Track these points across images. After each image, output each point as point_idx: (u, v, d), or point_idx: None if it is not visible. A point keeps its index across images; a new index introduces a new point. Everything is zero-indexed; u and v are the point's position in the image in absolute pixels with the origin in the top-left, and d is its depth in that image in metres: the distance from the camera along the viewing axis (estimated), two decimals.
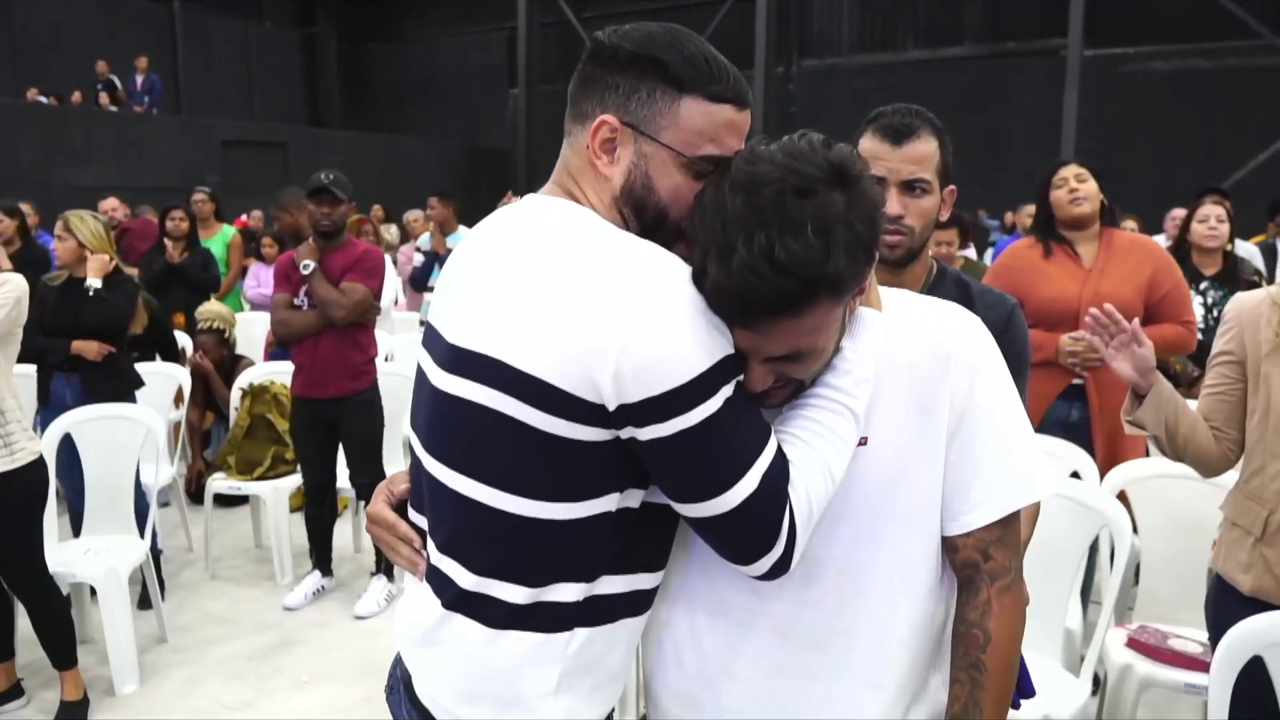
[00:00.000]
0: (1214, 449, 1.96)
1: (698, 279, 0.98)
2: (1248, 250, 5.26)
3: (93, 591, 3.36)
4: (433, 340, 1.14)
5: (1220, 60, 13.40)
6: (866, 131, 1.60)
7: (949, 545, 1.16)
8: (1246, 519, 1.92)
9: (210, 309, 5.18)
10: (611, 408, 0.97)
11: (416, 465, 1.19)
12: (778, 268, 0.92)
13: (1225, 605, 1.94)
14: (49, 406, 3.82)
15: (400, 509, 1.26)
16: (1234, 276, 3.87)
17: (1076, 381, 3.05)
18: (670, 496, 1.04)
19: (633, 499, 1.06)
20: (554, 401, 0.98)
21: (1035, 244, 3.18)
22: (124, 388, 3.91)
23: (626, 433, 0.99)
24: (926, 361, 1.12)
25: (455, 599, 1.10)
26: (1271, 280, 5.15)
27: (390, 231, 8.70)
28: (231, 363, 5.15)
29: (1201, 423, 1.97)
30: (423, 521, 1.20)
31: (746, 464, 0.99)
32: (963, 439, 1.11)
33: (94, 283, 3.73)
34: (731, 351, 0.99)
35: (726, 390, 0.98)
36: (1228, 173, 11.75)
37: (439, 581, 1.13)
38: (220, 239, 6.63)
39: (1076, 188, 3.07)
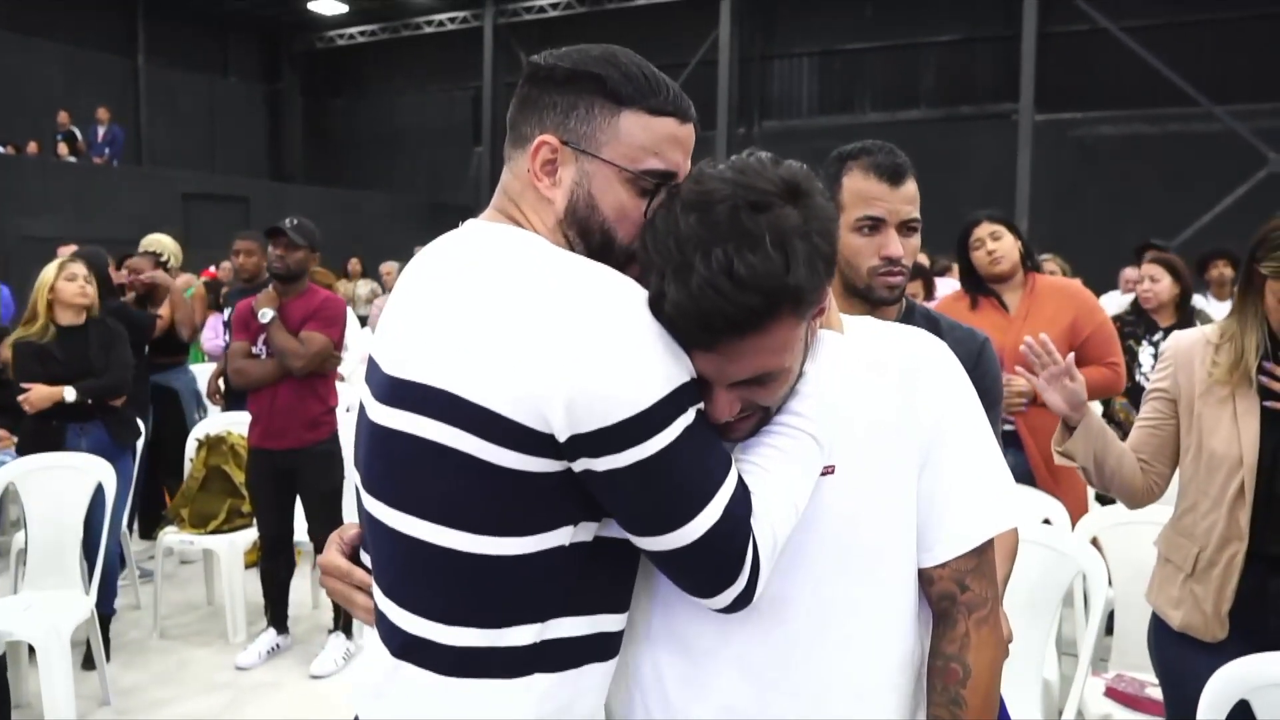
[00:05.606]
0: (1139, 480, 1.99)
1: (655, 303, 0.94)
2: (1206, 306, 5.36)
3: (31, 651, 3.20)
4: (371, 373, 1.09)
5: (1164, 126, 13.93)
6: (854, 170, 1.56)
7: (924, 578, 1.12)
8: (1178, 555, 1.94)
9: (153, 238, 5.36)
10: (562, 439, 0.92)
11: (361, 506, 1.13)
12: (739, 283, 0.89)
13: (1161, 641, 1.97)
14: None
15: (355, 558, 1.19)
16: (1189, 328, 3.94)
17: (1008, 428, 3.06)
18: (628, 530, 0.99)
19: (585, 532, 1.00)
20: (502, 432, 0.93)
21: (963, 296, 3.21)
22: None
23: (580, 465, 0.94)
24: (896, 389, 1.09)
25: (402, 645, 1.03)
26: None
27: (351, 285, 8.62)
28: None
29: (1129, 455, 2.00)
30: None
31: (707, 495, 0.95)
32: (933, 467, 1.09)
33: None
34: (689, 379, 0.95)
35: (685, 419, 0.94)
36: (1175, 233, 12.12)
37: (386, 628, 1.06)
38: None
39: (994, 248, 3.10)
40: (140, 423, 4.26)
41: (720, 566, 0.96)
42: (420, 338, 1.00)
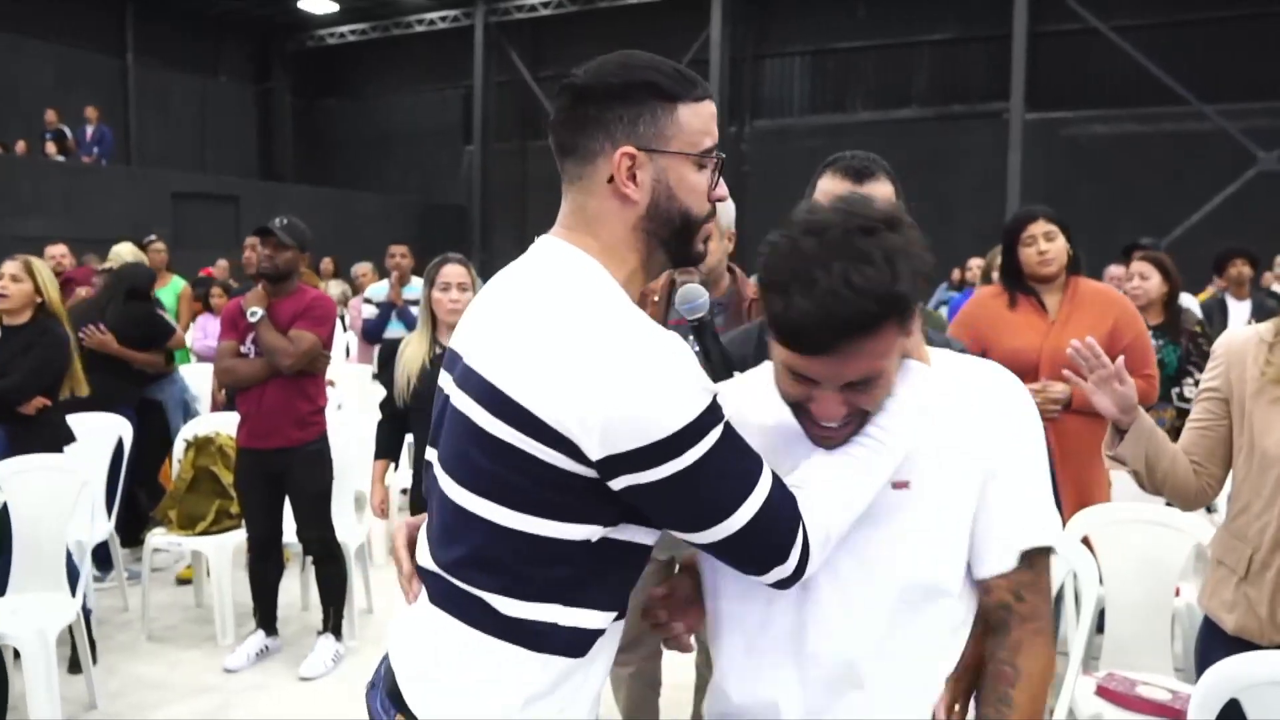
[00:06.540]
0: (1193, 483, 1.95)
1: (776, 318, 1.09)
2: (1190, 304, 5.38)
3: (16, 654, 3.17)
4: (453, 360, 1.23)
5: (1155, 125, 14.00)
6: (825, 172, 1.65)
7: (982, 588, 1.23)
8: (1232, 558, 1.90)
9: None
10: (595, 458, 1.05)
11: (428, 470, 1.28)
12: (856, 290, 1.05)
13: (1211, 646, 1.91)
14: None
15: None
16: (1176, 328, 3.93)
17: None
18: (672, 529, 1.13)
19: (616, 532, 1.12)
20: (547, 435, 1.06)
21: (1001, 293, 3.14)
22: (53, 442, 3.70)
23: (621, 482, 1.06)
24: (968, 415, 1.23)
25: (442, 594, 1.17)
26: (1219, 331, 5.24)
27: (322, 285, 8.54)
28: None
29: (1181, 456, 1.95)
30: None
31: (744, 494, 1.08)
32: (997, 486, 1.21)
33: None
34: (711, 401, 1.08)
35: (714, 434, 1.07)
36: (1165, 231, 12.16)
37: (428, 577, 1.21)
38: (170, 290, 6.52)
39: (1046, 249, 3.03)
40: (125, 427, 4.22)
41: (766, 550, 1.11)
42: (498, 343, 1.14)
